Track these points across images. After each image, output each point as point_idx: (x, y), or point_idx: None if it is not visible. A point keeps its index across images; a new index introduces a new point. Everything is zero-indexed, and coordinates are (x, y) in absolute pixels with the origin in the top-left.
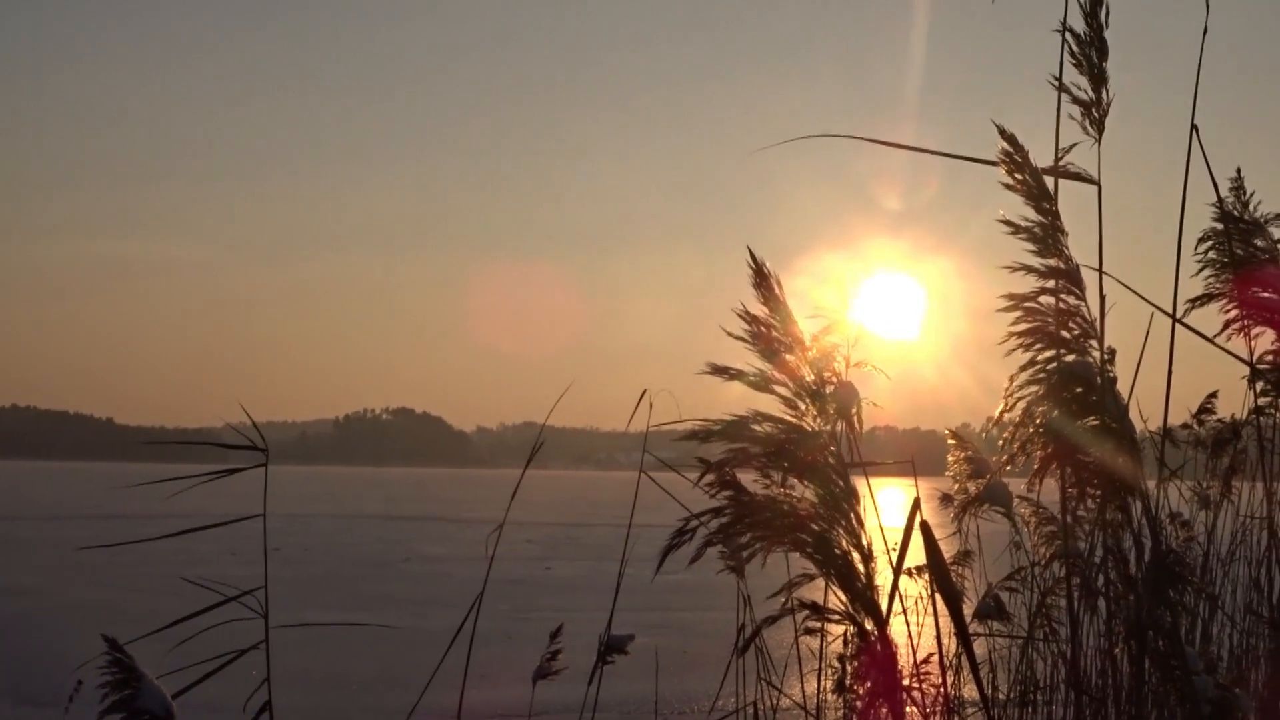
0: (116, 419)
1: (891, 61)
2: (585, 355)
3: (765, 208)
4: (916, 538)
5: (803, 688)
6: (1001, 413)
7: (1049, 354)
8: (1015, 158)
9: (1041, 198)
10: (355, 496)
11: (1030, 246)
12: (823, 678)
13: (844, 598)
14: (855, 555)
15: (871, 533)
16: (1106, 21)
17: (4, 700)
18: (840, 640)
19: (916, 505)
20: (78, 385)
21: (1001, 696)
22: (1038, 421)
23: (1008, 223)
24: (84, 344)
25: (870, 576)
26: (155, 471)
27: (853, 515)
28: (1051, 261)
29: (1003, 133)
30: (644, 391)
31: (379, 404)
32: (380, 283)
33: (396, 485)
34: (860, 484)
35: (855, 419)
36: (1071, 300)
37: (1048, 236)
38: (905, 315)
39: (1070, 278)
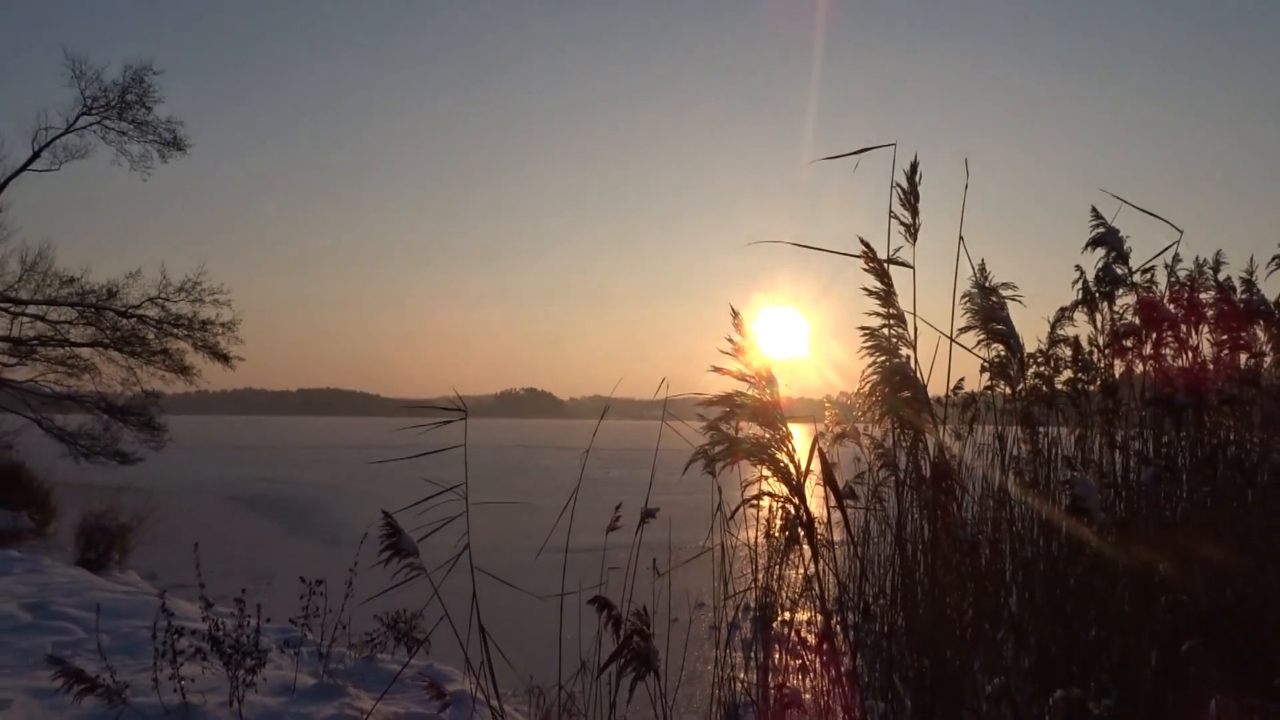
0: (381, 394)
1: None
2: (626, 351)
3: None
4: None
5: (748, 535)
6: (858, 389)
7: (883, 358)
8: (870, 255)
9: (883, 275)
10: (505, 437)
11: (877, 302)
12: (757, 532)
13: (784, 489)
14: (790, 465)
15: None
16: (919, 181)
17: (321, 543)
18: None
19: (816, 438)
20: (358, 372)
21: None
22: (877, 394)
23: (867, 289)
24: (361, 346)
25: (799, 477)
26: (406, 423)
27: (788, 444)
28: (890, 309)
29: (864, 242)
30: (663, 379)
31: (517, 384)
32: (521, 298)
33: (527, 431)
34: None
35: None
36: (898, 329)
37: (888, 297)
38: (796, 338)
39: (899, 319)
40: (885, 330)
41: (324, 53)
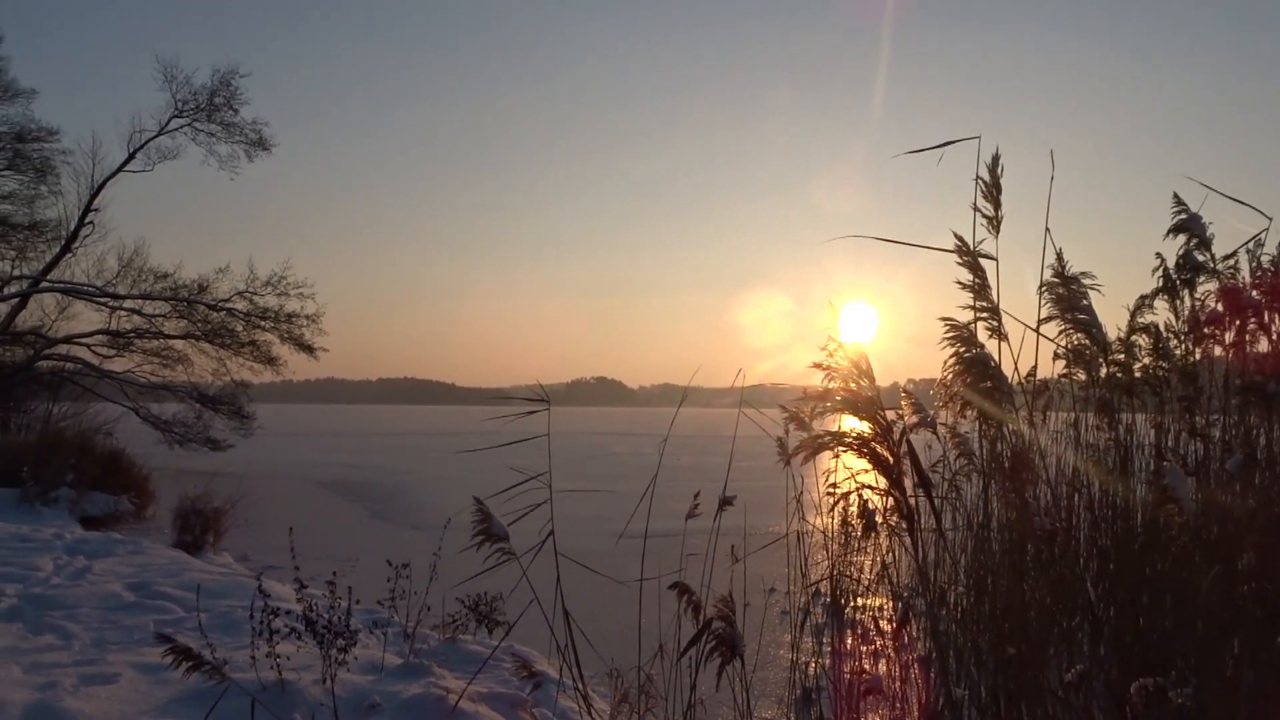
0: (457, 383)
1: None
2: (693, 339)
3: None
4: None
5: (821, 522)
6: (939, 378)
7: (964, 349)
8: (964, 250)
9: (976, 269)
10: (576, 424)
11: (969, 295)
12: (830, 519)
13: (884, 481)
14: (891, 459)
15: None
16: (1002, 174)
17: (403, 527)
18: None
19: (905, 429)
20: (436, 362)
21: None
22: (958, 384)
23: (961, 282)
24: (438, 337)
25: (900, 471)
26: (487, 412)
27: (890, 438)
28: (983, 303)
29: (958, 237)
30: (739, 370)
31: (588, 373)
32: (593, 288)
33: (597, 418)
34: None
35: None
36: (991, 321)
37: (982, 290)
38: (864, 325)
39: (994, 312)
40: (977, 322)
41: (398, 48)
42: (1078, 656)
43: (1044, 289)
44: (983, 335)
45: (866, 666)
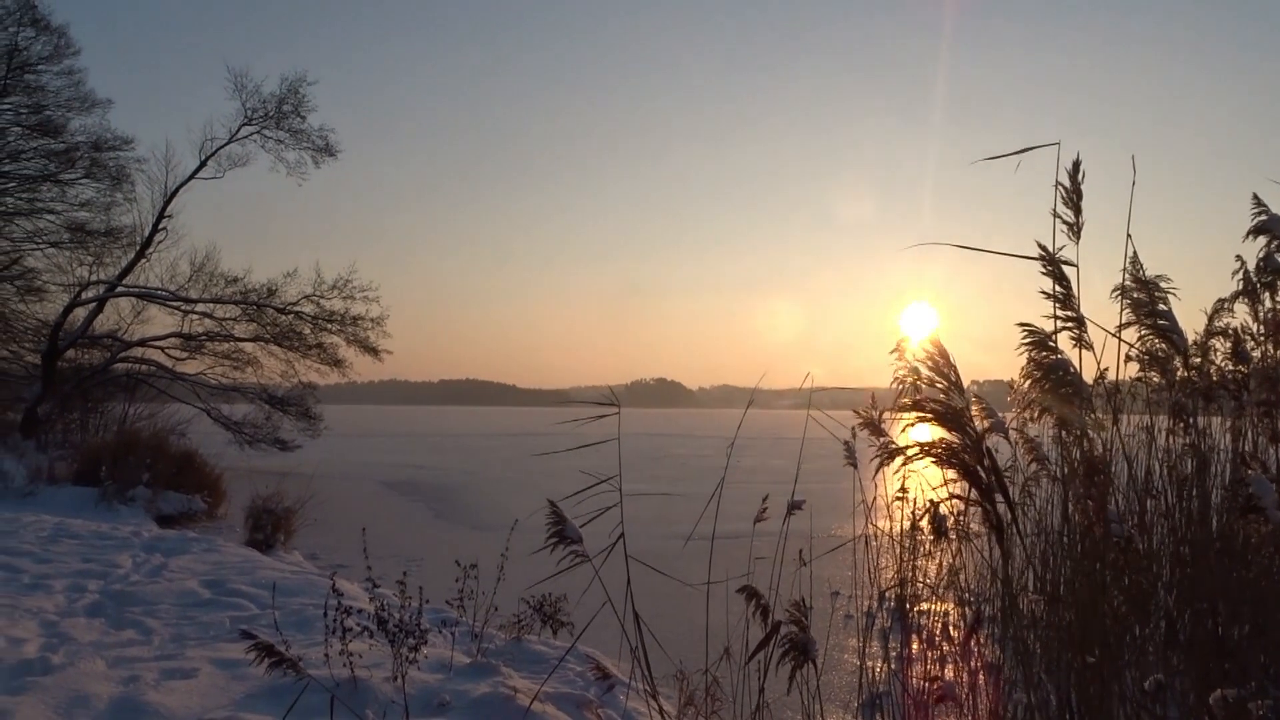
0: (517, 384)
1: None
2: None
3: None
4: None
5: (890, 527)
6: (1016, 384)
7: (1043, 354)
8: (1048, 258)
9: (1061, 279)
10: (636, 426)
11: (1054, 304)
12: (903, 523)
13: (974, 492)
14: (980, 469)
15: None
16: (1082, 180)
17: (467, 527)
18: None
19: (982, 435)
20: (495, 363)
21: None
22: (1036, 390)
23: (1046, 292)
24: (498, 339)
25: (990, 481)
26: (546, 413)
27: (979, 449)
28: (1069, 311)
29: (1041, 247)
30: (808, 373)
31: (648, 375)
32: (652, 290)
33: (657, 420)
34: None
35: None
36: (1075, 330)
37: (1068, 300)
38: (925, 326)
39: (1079, 322)
40: (1062, 332)
41: (464, 52)
42: (1152, 665)
43: (1121, 294)
44: (1065, 344)
45: (929, 673)
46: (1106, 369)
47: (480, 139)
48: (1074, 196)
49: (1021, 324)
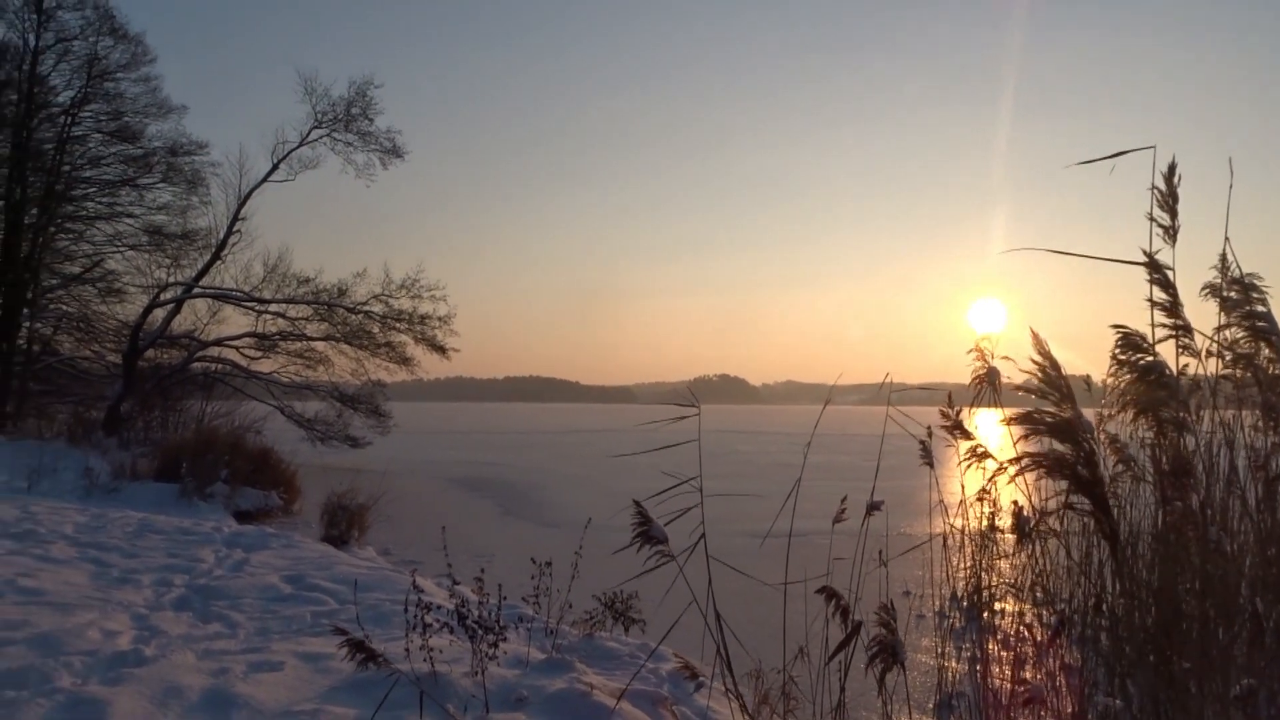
0: (581, 381)
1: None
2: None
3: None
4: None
5: (966, 526)
6: (1110, 387)
7: (1138, 356)
8: (1153, 265)
9: (1167, 286)
10: (701, 421)
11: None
12: (980, 523)
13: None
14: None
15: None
16: (1178, 183)
17: (535, 524)
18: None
19: (1094, 448)
20: (559, 360)
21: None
22: (1131, 392)
23: (1153, 300)
24: (562, 336)
25: (1103, 493)
26: (612, 410)
27: (1093, 462)
28: (1175, 320)
29: (1147, 254)
30: (888, 374)
31: (712, 371)
32: (714, 288)
33: (720, 416)
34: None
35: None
36: (1183, 336)
37: (1174, 308)
38: (995, 319)
39: (1186, 329)
40: (1170, 339)
41: (532, 51)
42: (1240, 669)
43: (1214, 293)
44: (1168, 351)
45: (1012, 674)
46: (1186, 365)
47: (548, 138)
48: (1169, 200)
49: (1116, 326)
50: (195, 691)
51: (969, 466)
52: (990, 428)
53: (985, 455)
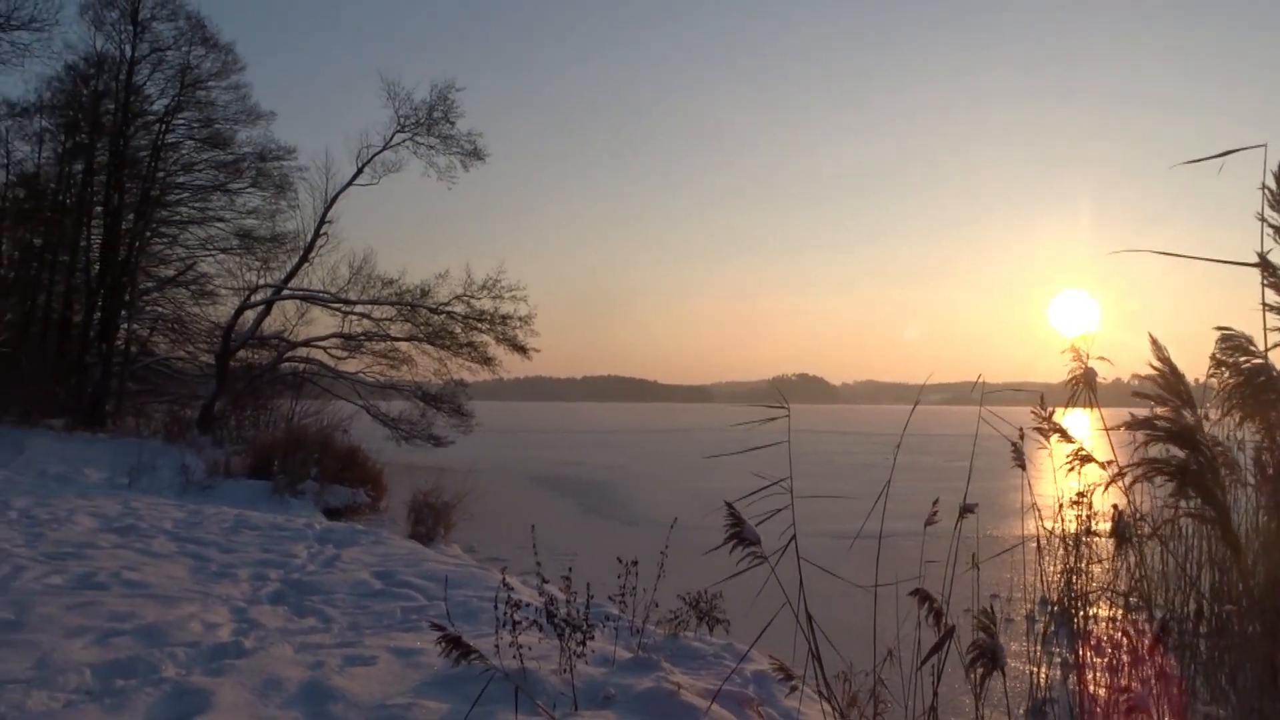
0: (659, 380)
1: None
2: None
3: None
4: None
5: (1061, 529)
6: (1218, 389)
7: (1243, 359)
8: (1267, 265)
9: None
10: (780, 421)
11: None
12: (1076, 526)
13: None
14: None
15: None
16: None
17: (617, 523)
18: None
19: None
20: (639, 360)
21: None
22: (1237, 395)
23: (1266, 304)
24: (642, 338)
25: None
26: (682, 410)
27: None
28: None
29: (1261, 256)
30: (979, 376)
31: (790, 370)
32: (795, 287)
33: (799, 416)
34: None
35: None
36: None
37: None
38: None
39: None
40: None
41: (609, 52)
42: None
43: None
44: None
45: (1108, 681)
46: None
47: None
48: None
49: (1220, 328)
50: (294, 684)
51: (1070, 470)
52: (1083, 429)
53: (1088, 459)
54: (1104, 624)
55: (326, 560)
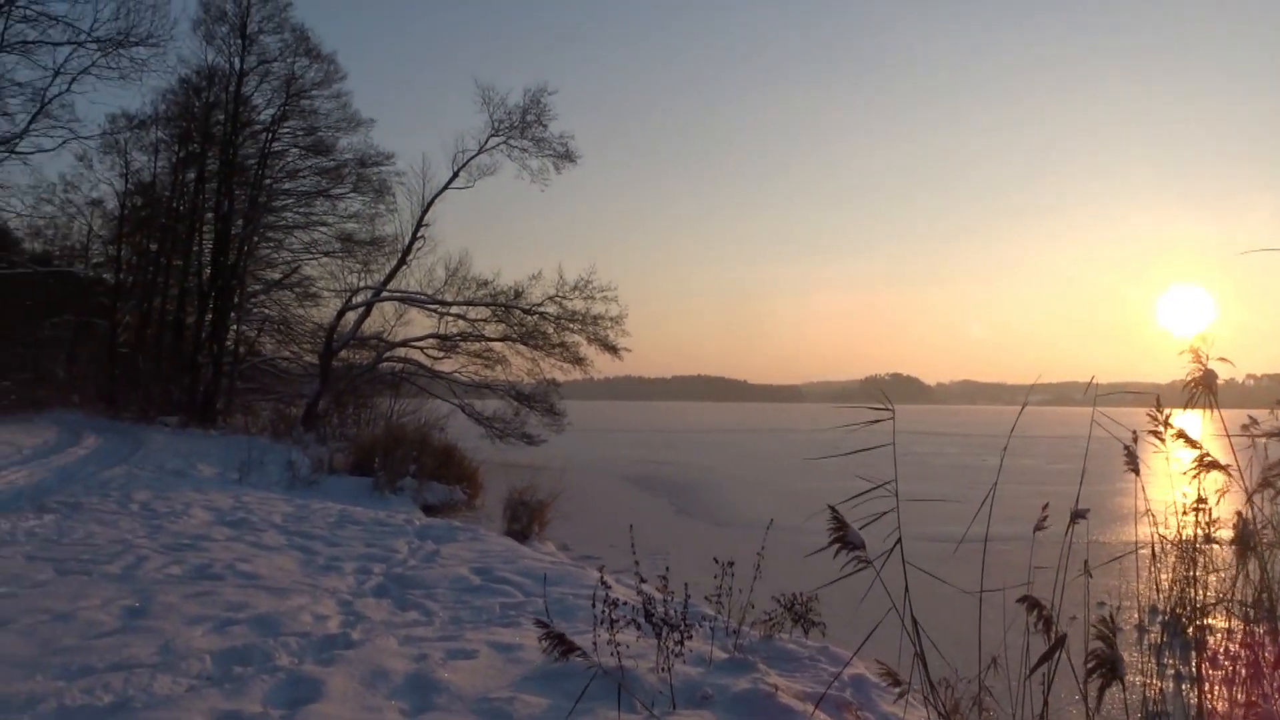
0: (749, 380)
1: None
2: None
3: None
4: None
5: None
6: None
7: None
8: None
9: None
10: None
11: None
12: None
13: None
14: None
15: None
16: None
17: (708, 523)
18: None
19: None
20: (726, 359)
21: None
22: None
23: None
24: (732, 337)
25: None
26: (774, 410)
27: None
28: None
29: None
30: (1092, 377)
31: (883, 369)
32: (889, 285)
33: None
34: None
35: None
36: None
37: None
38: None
39: None
40: None
41: (701, 50)
42: None
43: None
44: None
45: (1228, 694)
46: None
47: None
48: None
49: None
50: (399, 675)
51: (1195, 476)
52: (1198, 433)
53: (1214, 465)
54: (1219, 636)
55: (427, 556)
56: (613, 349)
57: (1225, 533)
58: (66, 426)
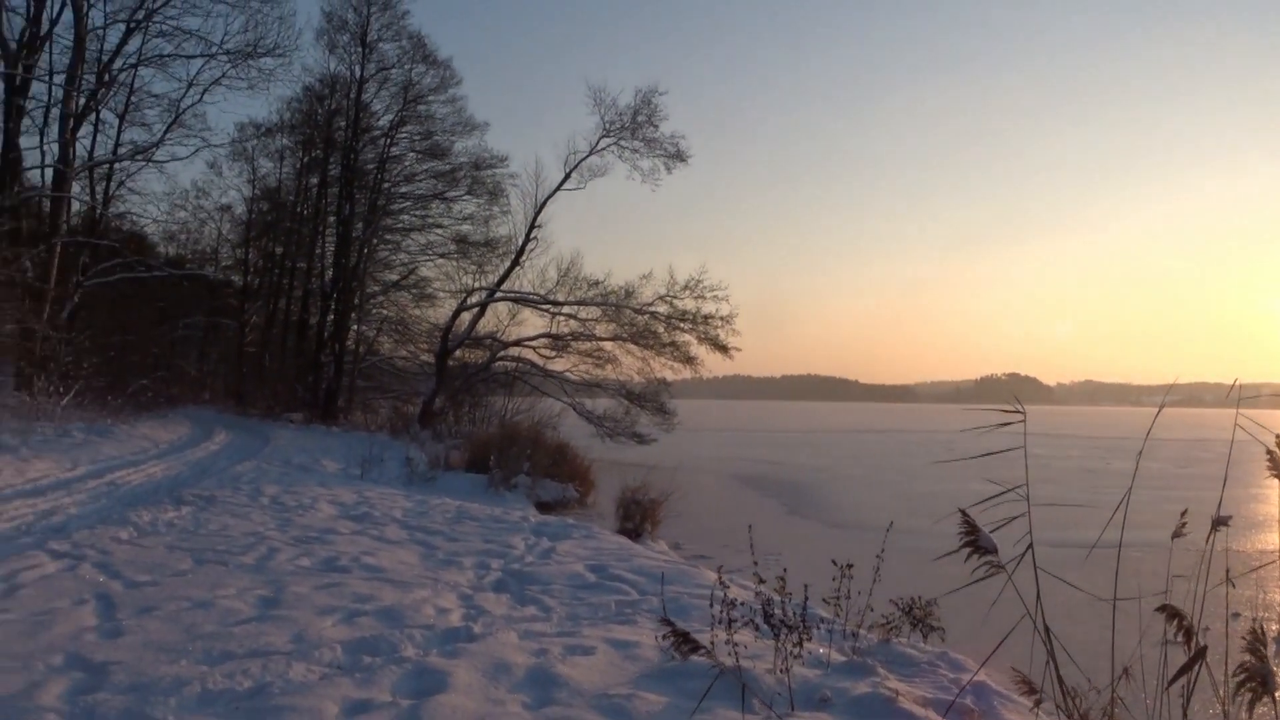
0: (859, 380)
1: None
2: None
3: None
4: None
5: None
6: None
7: None
8: None
9: None
10: (988, 422)
11: None
12: None
13: None
14: None
15: None
16: None
17: (821, 524)
18: None
19: None
20: (839, 359)
21: None
22: None
23: None
24: (842, 336)
25: None
26: (884, 410)
27: None
28: None
29: None
30: (1236, 379)
31: (1000, 369)
32: (1005, 283)
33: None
34: None
35: None
36: None
37: None
38: None
39: None
40: None
41: (811, 47)
42: None
43: None
44: None
45: None
46: None
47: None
48: None
49: None
50: (520, 669)
51: None
52: None
53: None
54: None
55: (543, 552)
56: (723, 348)
57: None
58: (199, 422)
